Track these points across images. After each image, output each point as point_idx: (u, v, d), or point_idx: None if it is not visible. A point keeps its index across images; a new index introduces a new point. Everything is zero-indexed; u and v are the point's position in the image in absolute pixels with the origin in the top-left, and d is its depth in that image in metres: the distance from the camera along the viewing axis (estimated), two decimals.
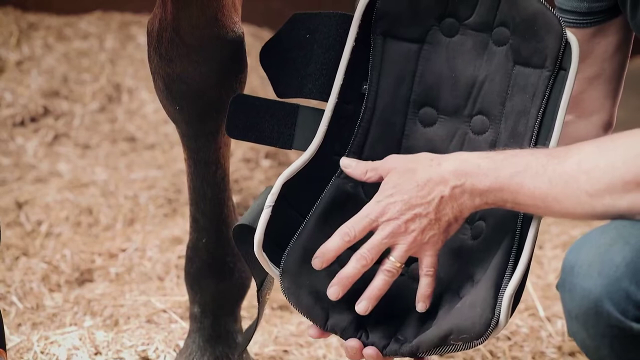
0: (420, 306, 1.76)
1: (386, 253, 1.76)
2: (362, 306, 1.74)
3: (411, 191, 1.72)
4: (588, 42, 1.92)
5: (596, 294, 1.61)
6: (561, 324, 2.78)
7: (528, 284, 3.01)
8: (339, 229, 1.74)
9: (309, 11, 1.95)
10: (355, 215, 1.74)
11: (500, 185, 1.68)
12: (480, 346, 2.62)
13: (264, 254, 1.79)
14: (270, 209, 1.80)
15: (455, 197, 1.70)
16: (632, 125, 1.75)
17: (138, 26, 4.75)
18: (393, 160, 1.77)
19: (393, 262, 1.73)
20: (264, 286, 1.91)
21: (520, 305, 2.89)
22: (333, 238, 1.74)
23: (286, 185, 1.82)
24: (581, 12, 1.93)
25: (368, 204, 1.74)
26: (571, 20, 1.94)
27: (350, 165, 1.83)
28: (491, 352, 2.63)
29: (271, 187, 1.82)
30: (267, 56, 1.96)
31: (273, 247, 1.80)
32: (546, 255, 3.29)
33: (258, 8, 4.90)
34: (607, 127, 2.02)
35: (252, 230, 1.80)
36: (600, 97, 2.00)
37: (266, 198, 1.81)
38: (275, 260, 1.81)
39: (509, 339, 2.69)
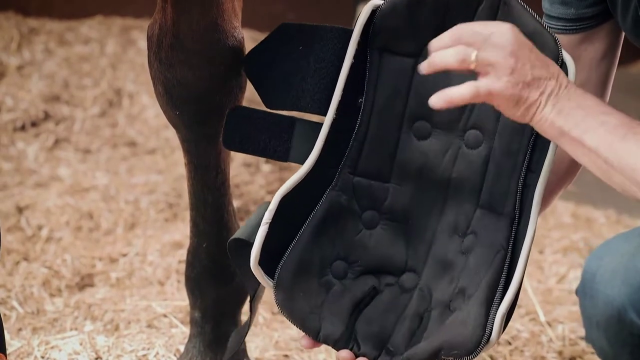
0: (433, 99, 1.67)
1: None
2: (423, 66, 1.68)
3: (539, 54, 1.67)
4: (575, 48, 1.92)
5: (619, 302, 1.60)
6: (562, 329, 2.77)
7: (528, 288, 3.01)
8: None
9: (297, 22, 1.94)
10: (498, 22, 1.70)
11: (585, 113, 1.64)
12: None
13: (260, 268, 1.81)
14: (267, 225, 1.81)
15: (554, 92, 1.65)
16: None
17: (139, 31, 4.75)
18: None
19: (472, 55, 1.65)
20: (256, 295, 1.93)
21: (521, 310, 2.89)
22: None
23: (282, 200, 1.83)
24: (568, 18, 1.93)
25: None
26: (558, 27, 1.94)
27: None
28: (492, 357, 2.63)
29: (268, 203, 1.83)
30: (253, 64, 1.96)
31: (267, 259, 1.82)
32: (547, 260, 3.29)
33: (259, 12, 4.90)
34: None
35: (247, 243, 1.82)
36: None
37: (262, 213, 1.82)
38: (269, 271, 1.82)
39: (509, 343, 2.69)
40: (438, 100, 1.66)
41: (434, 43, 1.68)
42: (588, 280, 1.66)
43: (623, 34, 1.97)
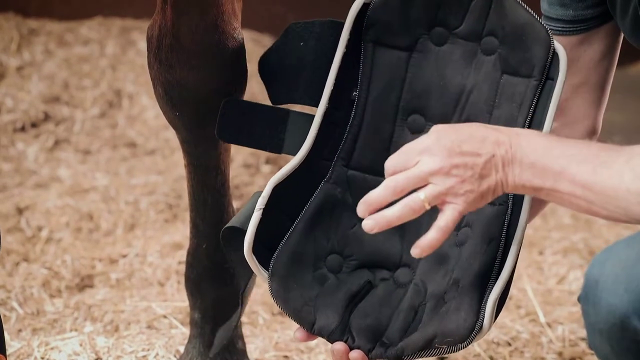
0: (415, 252, 1.63)
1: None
2: (369, 225, 1.62)
3: (466, 138, 1.63)
4: (574, 50, 1.93)
5: (622, 310, 1.60)
6: (562, 330, 2.77)
7: (528, 289, 3.01)
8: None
9: (304, 20, 1.97)
10: (411, 144, 1.65)
11: (544, 164, 1.62)
12: (481, 351, 2.62)
13: (253, 256, 1.82)
14: (261, 211, 1.82)
15: (506, 162, 1.63)
16: (631, 128, 1.75)
17: (139, 32, 4.75)
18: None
19: (420, 199, 1.60)
20: (247, 288, 1.93)
21: (521, 311, 2.89)
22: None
23: (276, 189, 1.84)
24: (567, 19, 1.94)
25: (423, 136, 1.64)
26: (557, 28, 1.95)
27: None
28: (492, 358, 2.63)
29: (261, 192, 1.84)
30: (265, 66, 1.99)
31: (262, 250, 1.83)
32: (546, 261, 3.29)
33: (259, 13, 4.91)
34: (592, 135, 2.03)
35: (241, 232, 1.83)
36: (585, 105, 2.00)
37: (256, 202, 1.83)
38: (264, 263, 1.83)
39: (509, 344, 2.69)
40: (420, 252, 1.64)
41: (373, 200, 1.62)
42: (590, 287, 1.66)
43: (622, 35, 1.98)
